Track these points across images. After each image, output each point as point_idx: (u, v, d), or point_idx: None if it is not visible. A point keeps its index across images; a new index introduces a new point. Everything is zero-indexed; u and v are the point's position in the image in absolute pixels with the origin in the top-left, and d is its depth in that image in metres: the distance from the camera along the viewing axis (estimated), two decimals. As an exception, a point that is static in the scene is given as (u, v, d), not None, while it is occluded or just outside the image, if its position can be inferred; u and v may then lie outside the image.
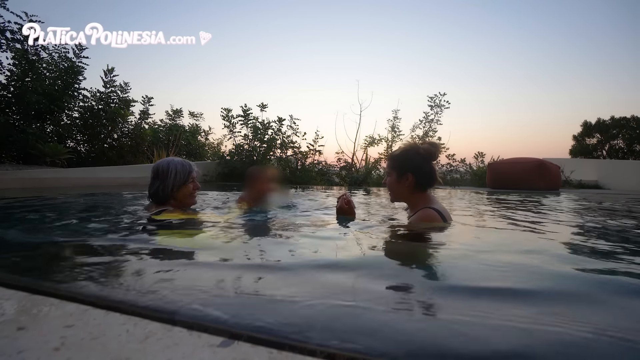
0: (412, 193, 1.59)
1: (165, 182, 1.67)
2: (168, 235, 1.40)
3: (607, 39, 26.19)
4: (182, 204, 1.77)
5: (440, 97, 8.54)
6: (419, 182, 1.56)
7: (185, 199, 1.76)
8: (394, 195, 1.67)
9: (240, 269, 0.94)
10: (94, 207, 2.67)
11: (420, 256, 1.16)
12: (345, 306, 0.66)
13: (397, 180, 1.59)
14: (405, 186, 1.58)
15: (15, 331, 0.53)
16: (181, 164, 1.74)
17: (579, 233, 1.86)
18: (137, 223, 1.75)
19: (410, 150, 1.60)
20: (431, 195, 1.61)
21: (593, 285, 0.88)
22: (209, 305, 0.64)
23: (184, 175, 1.71)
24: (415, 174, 1.55)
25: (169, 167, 1.69)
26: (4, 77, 5.46)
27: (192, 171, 1.76)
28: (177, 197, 1.72)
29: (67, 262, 1.03)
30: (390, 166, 1.64)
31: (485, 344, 0.53)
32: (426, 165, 1.56)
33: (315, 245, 1.25)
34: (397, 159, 1.63)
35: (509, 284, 0.84)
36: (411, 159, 1.57)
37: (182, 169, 1.71)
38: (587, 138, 22.11)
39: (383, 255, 1.21)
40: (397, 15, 24.09)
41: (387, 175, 1.66)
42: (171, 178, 1.68)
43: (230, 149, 8.76)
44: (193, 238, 1.38)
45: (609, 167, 9.83)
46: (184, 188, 1.72)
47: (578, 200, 4.26)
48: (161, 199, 1.71)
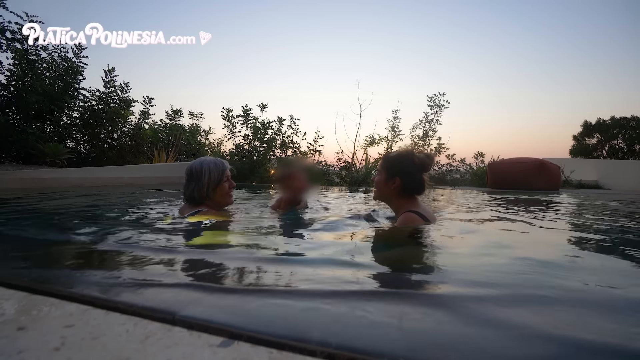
0: (397, 196, 1.62)
1: (200, 183, 1.64)
2: (173, 236, 1.40)
3: (608, 39, 26.21)
4: (218, 204, 1.73)
5: (439, 97, 8.55)
6: (405, 188, 1.59)
7: (222, 198, 1.72)
8: (378, 193, 1.70)
9: (241, 269, 0.94)
10: (94, 207, 2.67)
11: (408, 257, 1.16)
12: (346, 306, 0.66)
13: (385, 181, 1.62)
14: (391, 188, 1.61)
15: (15, 331, 0.53)
16: (214, 163, 1.70)
17: (579, 232, 1.87)
18: (138, 223, 1.75)
19: (406, 156, 1.63)
20: (416, 199, 1.64)
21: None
22: (209, 305, 0.64)
23: (218, 174, 1.67)
24: (404, 179, 1.58)
25: (202, 168, 1.65)
26: (4, 77, 5.48)
27: (226, 169, 1.72)
28: (213, 198, 1.68)
29: (67, 262, 1.03)
30: (382, 166, 1.67)
31: (491, 353, 0.53)
32: (417, 174, 1.59)
33: (317, 246, 1.25)
34: (390, 161, 1.65)
35: (500, 284, 0.84)
36: (404, 164, 1.60)
37: (215, 168, 1.67)
38: (587, 138, 22.13)
39: (375, 257, 1.21)
40: (397, 15, 24.11)
41: (377, 174, 1.69)
42: (206, 178, 1.64)
43: (230, 149, 8.77)
44: (202, 238, 1.37)
45: (609, 167, 9.82)
46: (220, 187, 1.68)
47: (578, 200, 4.26)
48: (197, 201, 1.67)
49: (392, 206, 1.71)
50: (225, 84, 21.37)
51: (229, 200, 1.77)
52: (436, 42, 25.38)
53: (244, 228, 1.58)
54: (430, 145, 8.89)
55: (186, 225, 1.59)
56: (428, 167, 1.61)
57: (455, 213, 2.50)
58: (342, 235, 1.50)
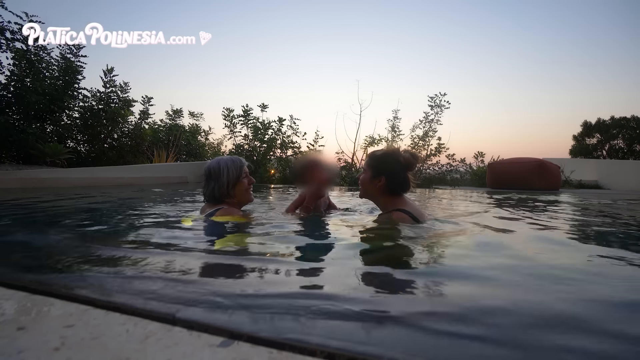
0: (382, 195, 1.63)
1: (220, 181, 1.65)
2: (176, 236, 1.40)
3: (608, 39, 26.21)
4: (238, 202, 1.74)
5: (440, 97, 8.55)
6: (390, 187, 1.60)
7: (242, 195, 1.72)
8: (363, 191, 1.69)
9: (242, 270, 0.94)
10: (94, 207, 2.67)
11: (406, 259, 1.16)
12: (345, 307, 0.66)
13: (370, 180, 1.62)
14: (376, 187, 1.61)
15: (15, 331, 0.53)
16: (231, 160, 1.71)
17: (579, 232, 1.86)
18: (138, 222, 1.75)
19: (391, 155, 1.62)
20: (403, 197, 1.64)
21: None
22: (209, 305, 0.64)
23: (236, 170, 1.68)
24: (389, 178, 1.58)
25: (220, 166, 1.66)
26: (4, 77, 5.48)
27: (244, 165, 1.73)
28: (233, 195, 1.69)
29: (67, 262, 1.02)
30: (368, 164, 1.67)
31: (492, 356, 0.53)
32: (402, 173, 1.59)
33: (317, 247, 1.25)
34: (375, 160, 1.65)
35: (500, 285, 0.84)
36: (389, 163, 1.60)
37: (233, 165, 1.68)
38: (587, 138, 22.12)
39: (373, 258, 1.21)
40: (397, 15, 24.11)
41: (363, 172, 1.68)
42: (224, 176, 1.65)
43: (230, 149, 8.77)
44: (210, 239, 1.37)
45: (609, 167, 9.82)
46: (239, 184, 1.69)
47: (578, 200, 4.26)
48: (218, 199, 1.68)
49: (379, 204, 1.70)
50: (225, 84, 21.43)
51: (249, 197, 1.77)
52: (436, 42, 25.40)
53: (255, 230, 1.56)
54: (430, 145, 8.89)
55: (197, 226, 1.59)
56: (413, 167, 1.61)
57: (451, 212, 2.50)
58: (342, 236, 1.49)
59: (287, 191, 5.05)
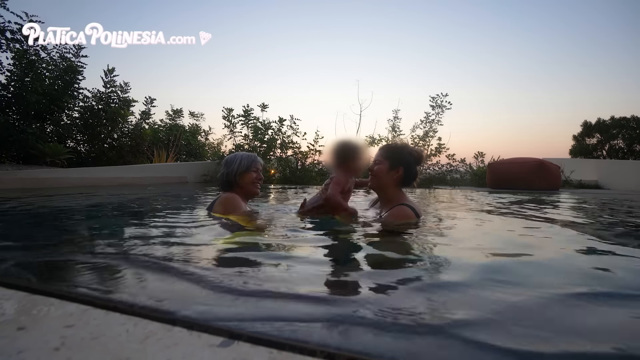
0: (394, 187, 1.67)
1: (230, 168, 1.81)
2: (176, 235, 1.40)
3: (608, 39, 26.21)
4: (245, 192, 1.86)
5: (442, 97, 8.53)
6: (404, 179, 1.65)
7: (248, 186, 1.84)
8: (377, 182, 1.68)
9: (243, 270, 0.94)
10: (94, 207, 2.67)
11: (414, 256, 1.16)
12: (345, 307, 0.66)
13: (388, 171, 1.64)
14: (393, 178, 1.64)
15: (15, 331, 0.53)
16: (247, 154, 1.89)
17: (579, 232, 1.86)
18: (138, 222, 1.75)
19: (406, 148, 1.72)
20: (403, 192, 1.71)
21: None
22: (209, 305, 0.64)
23: (248, 161, 1.83)
24: (405, 170, 1.64)
25: (235, 156, 1.85)
26: (4, 77, 5.47)
27: (256, 161, 1.87)
28: (240, 184, 1.82)
29: (67, 262, 1.02)
30: (384, 155, 1.67)
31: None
32: (414, 166, 1.67)
33: (316, 248, 1.25)
34: (393, 151, 1.70)
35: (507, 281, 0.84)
36: (406, 155, 1.67)
37: (247, 157, 1.85)
38: (587, 138, 22.11)
39: (379, 256, 1.21)
40: (397, 15, 24.11)
41: (378, 164, 1.67)
42: (236, 164, 1.81)
43: (230, 149, 8.75)
44: (212, 239, 1.36)
45: (609, 167, 9.81)
46: (247, 175, 1.82)
47: (578, 200, 4.26)
48: (227, 185, 1.83)
49: (385, 197, 1.70)
50: (225, 84, 21.43)
51: (255, 190, 1.88)
52: (437, 42, 25.40)
53: (260, 230, 1.56)
54: (430, 145, 8.88)
55: (198, 225, 1.59)
56: (422, 160, 1.71)
57: (449, 211, 2.50)
58: (344, 236, 1.49)
59: (286, 191, 5.04)
